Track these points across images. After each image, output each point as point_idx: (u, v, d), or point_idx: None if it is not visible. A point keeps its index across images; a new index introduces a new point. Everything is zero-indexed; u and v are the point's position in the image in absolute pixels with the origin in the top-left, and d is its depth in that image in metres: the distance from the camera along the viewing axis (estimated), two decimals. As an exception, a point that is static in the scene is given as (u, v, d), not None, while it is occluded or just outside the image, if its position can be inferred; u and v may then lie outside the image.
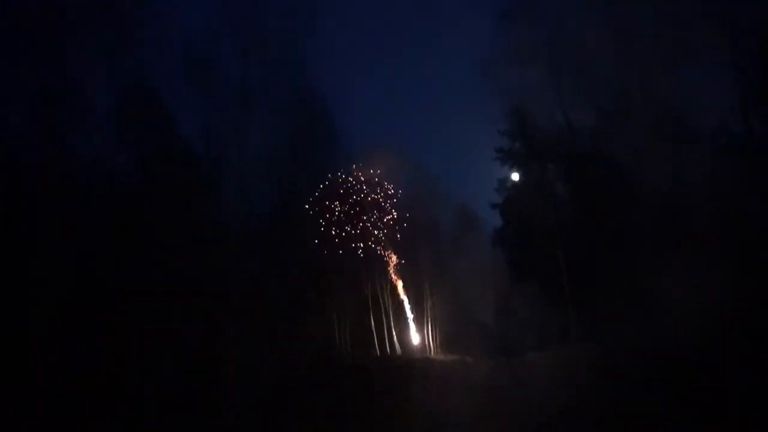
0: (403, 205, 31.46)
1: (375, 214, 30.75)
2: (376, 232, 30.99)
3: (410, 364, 27.09)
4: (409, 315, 32.31)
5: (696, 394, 10.96)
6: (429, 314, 32.83)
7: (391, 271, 32.34)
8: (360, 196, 30.50)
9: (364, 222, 30.51)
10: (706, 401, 10.38)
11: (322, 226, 29.06)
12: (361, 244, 30.58)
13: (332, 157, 26.62)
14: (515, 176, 27.12)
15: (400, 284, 32.51)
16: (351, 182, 29.68)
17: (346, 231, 30.56)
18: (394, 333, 31.55)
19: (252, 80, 16.46)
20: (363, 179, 30.07)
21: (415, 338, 31.84)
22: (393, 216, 31.10)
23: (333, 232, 29.43)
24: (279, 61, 17.16)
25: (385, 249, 31.68)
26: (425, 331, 32.40)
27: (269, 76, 17.04)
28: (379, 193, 31.20)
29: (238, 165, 16.48)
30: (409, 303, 32.25)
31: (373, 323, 31.87)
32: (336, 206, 29.94)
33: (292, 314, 26.31)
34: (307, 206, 27.99)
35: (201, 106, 18.88)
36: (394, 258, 31.94)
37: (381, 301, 31.85)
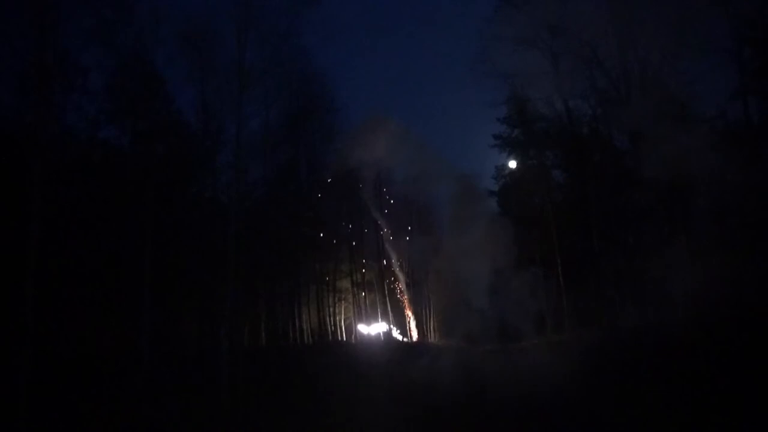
0: (401, 191, 31.72)
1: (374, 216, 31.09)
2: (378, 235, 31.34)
3: (408, 348, 27.20)
4: (407, 303, 32.45)
5: (690, 382, 10.93)
6: (426, 302, 33.03)
7: (391, 265, 32.51)
8: (359, 198, 30.73)
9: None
10: (701, 389, 10.36)
11: (324, 230, 29.31)
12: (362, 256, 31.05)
13: (330, 135, 26.60)
14: (512, 163, 27.15)
15: (399, 274, 32.67)
16: (350, 182, 29.71)
17: (347, 228, 30.88)
18: (391, 320, 31.70)
19: (251, 55, 16.29)
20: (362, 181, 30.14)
21: (413, 325, 32.00)
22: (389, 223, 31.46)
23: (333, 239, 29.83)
24: (278, 36, 16.98)
25: (383, 243, 31.95)
26: (422, 319, 32.60)
27: (268, 51, 16.87)
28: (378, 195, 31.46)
29: (235, 141, 16.36)
30: (408, 292, 32.38)
31: (368, 310, 32.04)
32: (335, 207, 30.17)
33: (290, 297, 26.34)
34: (311, 214, 28.24)
35: (198, 81, 18.79)
36: (393, 252, 32.12)
37: (379, 291, 32.07)
